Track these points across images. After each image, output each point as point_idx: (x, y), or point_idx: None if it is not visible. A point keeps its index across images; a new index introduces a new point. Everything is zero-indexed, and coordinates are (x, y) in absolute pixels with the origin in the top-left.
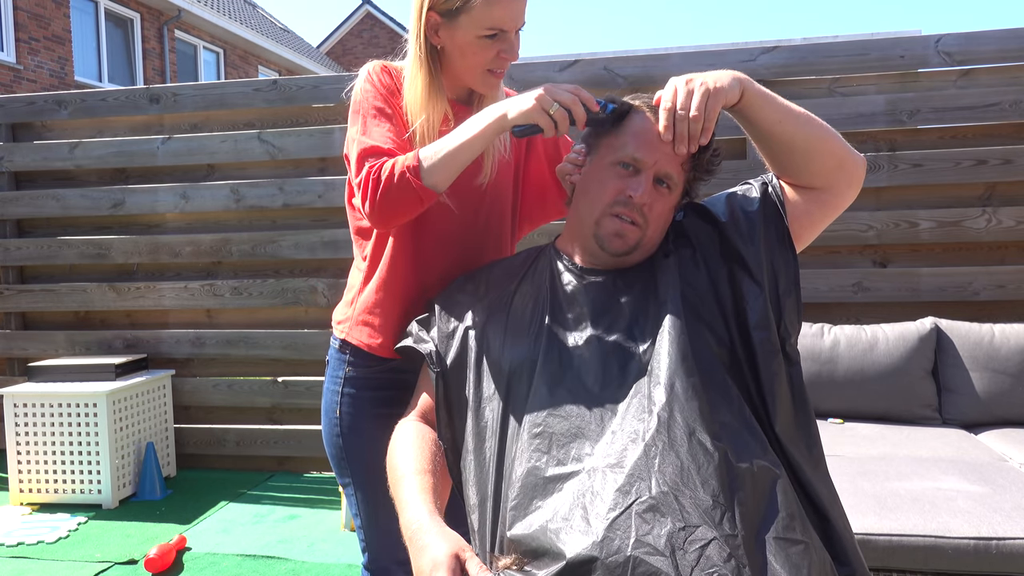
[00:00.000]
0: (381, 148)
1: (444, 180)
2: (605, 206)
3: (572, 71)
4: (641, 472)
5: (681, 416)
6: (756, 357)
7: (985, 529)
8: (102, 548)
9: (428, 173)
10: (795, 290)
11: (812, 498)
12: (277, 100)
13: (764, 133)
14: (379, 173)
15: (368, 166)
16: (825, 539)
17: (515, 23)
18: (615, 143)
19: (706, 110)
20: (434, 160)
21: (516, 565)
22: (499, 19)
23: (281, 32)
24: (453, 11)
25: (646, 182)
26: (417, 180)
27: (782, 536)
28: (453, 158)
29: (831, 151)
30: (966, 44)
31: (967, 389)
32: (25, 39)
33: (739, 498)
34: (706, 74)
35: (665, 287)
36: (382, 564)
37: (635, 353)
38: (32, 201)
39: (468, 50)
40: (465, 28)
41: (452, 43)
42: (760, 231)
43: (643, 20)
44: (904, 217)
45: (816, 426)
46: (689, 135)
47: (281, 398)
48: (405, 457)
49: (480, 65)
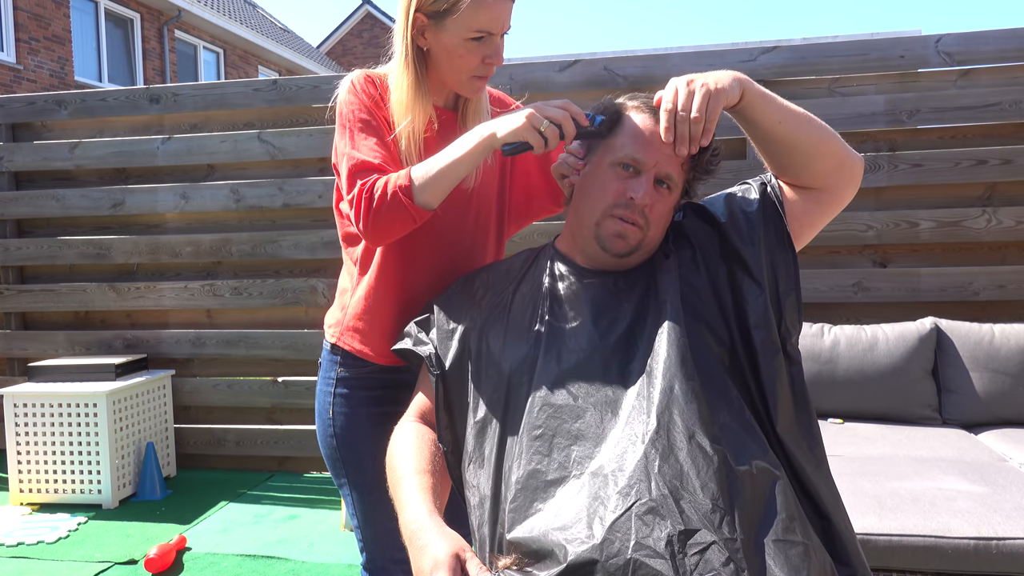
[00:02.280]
0: (371, 164)
1: (436, 198)
2: (606, 207)
3: (572, 71)
4: (640, 475)
5: (680, 419)
6: (757, 357)
7: (985, 529)
8: (102, 548)
9: (420, 192)
10: (795, 290)
11: (813, 498)
12: (277, 100)
13: (764, 134)
14: (371, 191)
15: (360, 183)
16: (826, 539)
17: (501, 26)
18: (615, 144)
19: (707, 111)
20: (425, 179)
21: (516, 566)
22: (485, 22)
23: (281, 32)
24: (440, 13)
25: (647, 183)
26: (409, 199)
27: (781, 538)
28: (444, 176)
29: (831, 152)
30: (966, 44)
31: (967, 389)
32: (25, 39)
33: (738, 501)
34: (706, 74)
35: (665, 288)
36: (380, 564)
37: (635, 354)
38: (32, 201)
39: (454, 53)
40: (451, 30)
41: (438, 45)
42: (760, 231)
43: (643, 20)
44: (904, 217)
45: (818, 426)
46: (690, 136)
47: (281, 398)
48: (404, 457)
49: (466, 68)
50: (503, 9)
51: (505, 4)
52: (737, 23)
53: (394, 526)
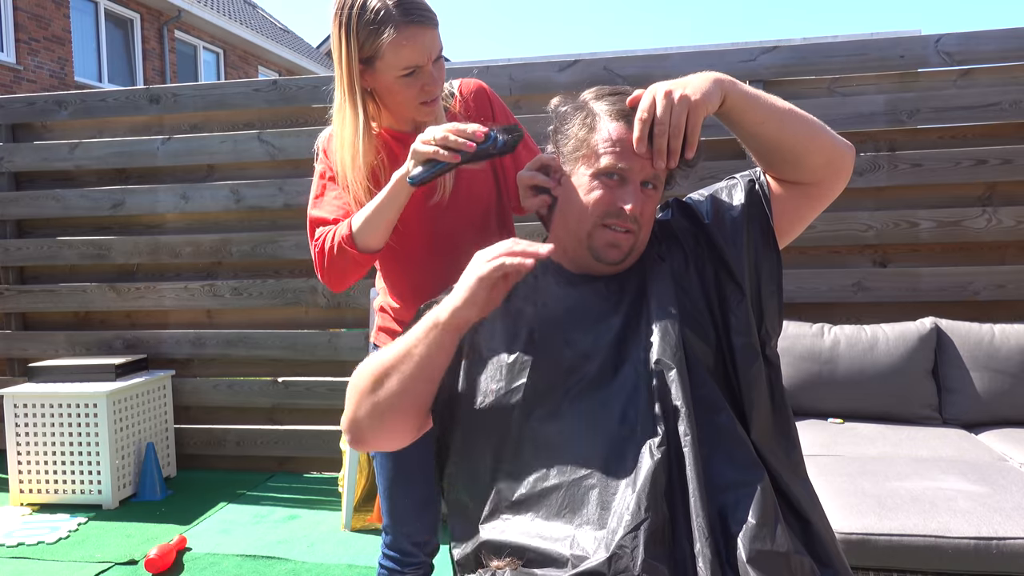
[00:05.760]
0: (327, 220)
1: (376, 241)
2: (596, 218)
3: (572, 71)
4: (639, 490)
5: (676, 428)
6: (736, 363)
7: (985, 529)
8: (102, 548)
9: (359, 238)
10: (778, 292)
11: (792, 503)
12: (277, 100)
13: (748, 134)
14: (323, 244)
15: (316, 236)
16: (806, 542)
17: (429, 56)
18: (594, 153)
19: (688, 125)
20: (360, 226)
21: (511, 567)
22: (410, 58)
23: (281, 32)
24: (368, 59)
25: (635, 192)
26: (352, 248)
27: (766, 548)
28: (375, 221)
29: (819, 148)
30: (966, 44)
31: (967, 389)
32: (25, 39)
33: (727, 515)
34: (687, 81)
35: (660, 294)
36: (400, 545)
37: (629, 359)
38: (32, 201)
39: (392, 89)
40: (383, 72)
41: (379, 85)
42: (744, 232)
43: (643, 20)
44: (904, 217)
45: (795, 429)
46: (670, 151)
47: (281, 398)
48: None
49: (409, 100)
50: (423, 40)
51: (424, 35)
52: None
53: (413, 503)
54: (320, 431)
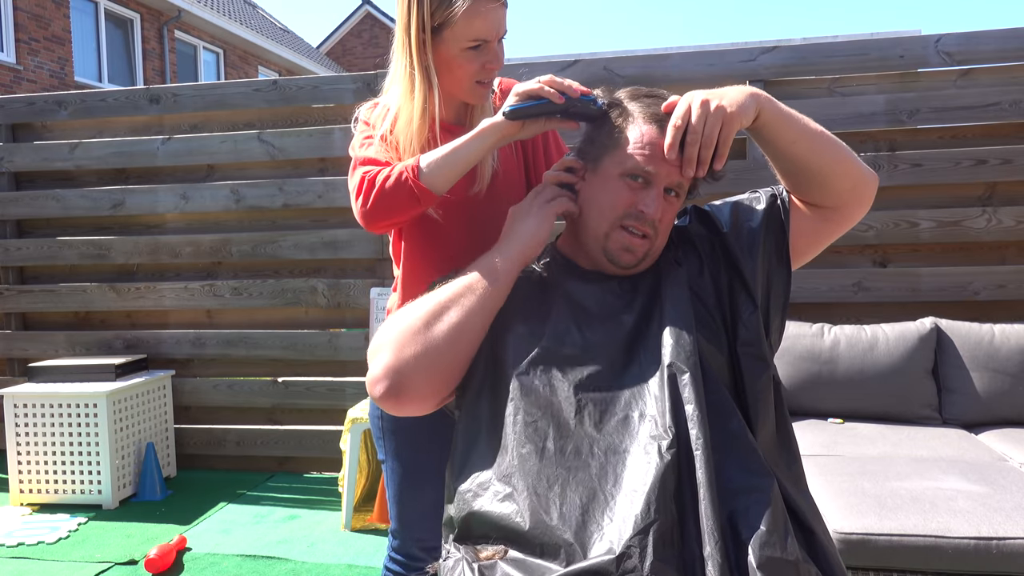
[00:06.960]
0: (378, 161)
1: (443, 183)
2: (616, 219)
3: (572, 71)
4: (648, 491)
5: (687, 431)
6: (744, 375)
7: (985, 529)
8: (102, 548)
9: (428, 174)
10: (783, 309)
11: (796, 514)
12: (277, 100)
13: (779, 152)
14: (375, 176)
15: (364, 171)
16: (811, 553)
17: (497, 32)
18: (622, 153)
19: (720, 136)
20: (433, 162)
21: (499, 555)
22: (480, 30)
23: (281, 32)
24: (436, 27)
25: (658, 196)
26: (416, 180)
27: (776, 555)
28: (451, 159)
29: (845, 172)
30: (966, 44)
31: (967, 389)
32: (25, 39)
33: (737, 520)
34: (724, 92)
35: (675, 298)
36: (409, 550)
37: (638, 358)
38: (32, 201)
39: (454, 63)
40: (449, 42)
41: (438, 58)
42: (760, 245)
43: (643, 20)
44: (904, 217)
45: (796, 442)
46: (699, 160)
47: (281, 398)
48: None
49: (467, 76)
50: (497, 16)
51: (498, 10)
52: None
53: (424, 510)
54: (320, 431)
